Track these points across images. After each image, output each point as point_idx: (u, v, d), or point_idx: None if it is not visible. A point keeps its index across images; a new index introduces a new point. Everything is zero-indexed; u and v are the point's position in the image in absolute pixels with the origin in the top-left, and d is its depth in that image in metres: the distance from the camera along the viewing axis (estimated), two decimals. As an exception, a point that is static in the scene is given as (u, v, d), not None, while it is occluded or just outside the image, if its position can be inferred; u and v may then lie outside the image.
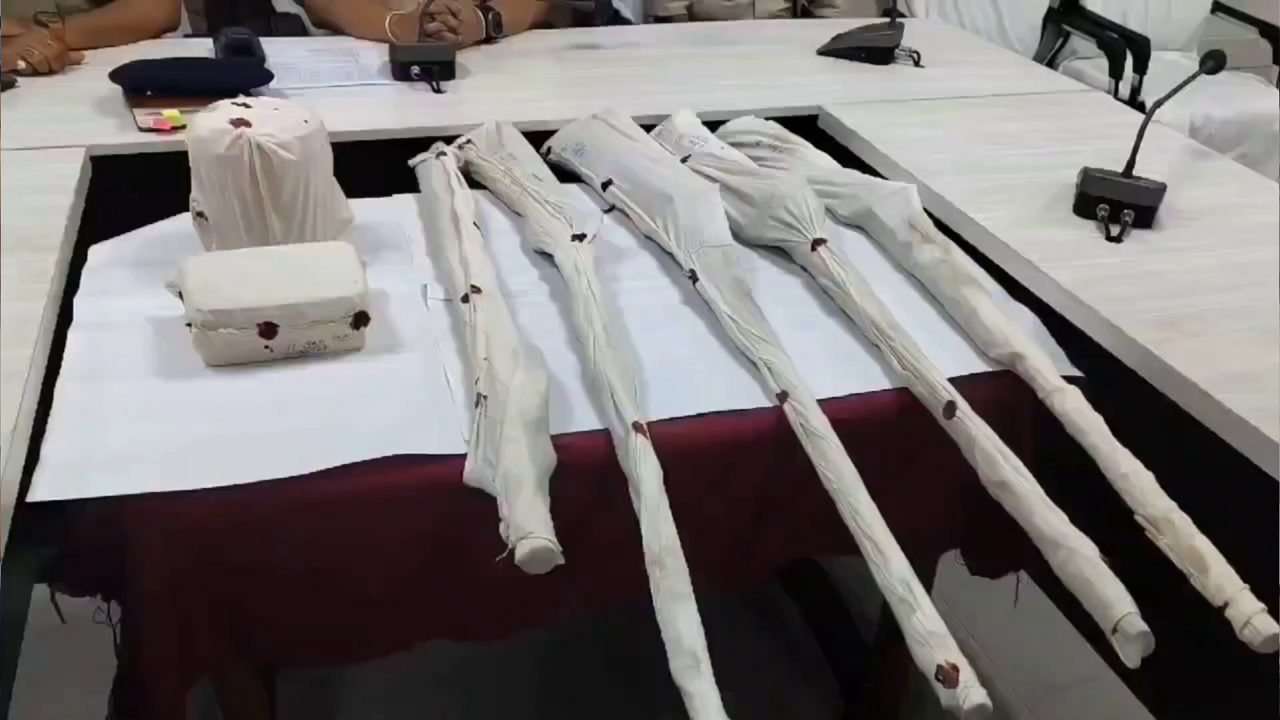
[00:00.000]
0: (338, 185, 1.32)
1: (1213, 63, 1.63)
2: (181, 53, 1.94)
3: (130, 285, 1.25)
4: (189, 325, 1.10)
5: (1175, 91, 1.59)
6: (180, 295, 1.12)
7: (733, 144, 1.65)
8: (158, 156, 1.57)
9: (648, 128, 1.68)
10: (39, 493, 0.94)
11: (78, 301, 1.22)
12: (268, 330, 1.10)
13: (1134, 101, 2.86)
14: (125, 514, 0.97)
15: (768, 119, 1.74)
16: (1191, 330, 1.24)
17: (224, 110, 1.22)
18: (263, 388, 1.09)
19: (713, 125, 1.71)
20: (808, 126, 1.87)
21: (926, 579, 1.38)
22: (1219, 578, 0.94)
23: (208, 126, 1.19)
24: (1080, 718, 1.79)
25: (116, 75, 1.72)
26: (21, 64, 1.79)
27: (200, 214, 1.25)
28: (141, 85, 1.70)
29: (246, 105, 1.23)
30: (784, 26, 2.47)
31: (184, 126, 1.51)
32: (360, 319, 1.14)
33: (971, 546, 1.36)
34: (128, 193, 1.49)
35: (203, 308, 1.08)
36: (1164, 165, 1.67)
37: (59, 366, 1.11)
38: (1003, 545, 1.25)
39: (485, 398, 1.03)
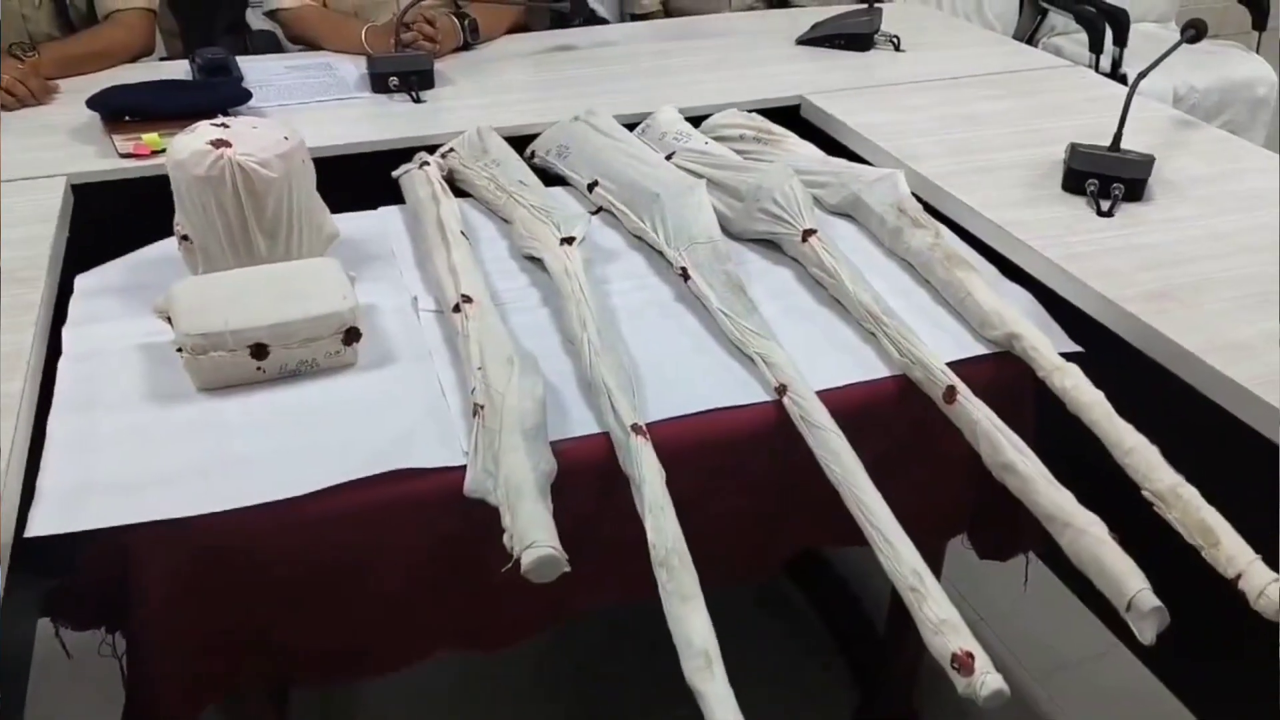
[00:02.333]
0: (321, 201, 1.31)
1: (1194, 31, 1.63)
2: (157, 76, 1.92)
3: (118, 312, 1.24)
4: (179, 350, 1.09)
5: (1158, 62, 1.59)
6: (169, 320, 1.11)
7: (716, 138, 1.65)
8: (139, 181, 1.56)
9: (630, 126, 1.67)
10: (37, 527, 0.93)
11: (66, 332, 1.21)
12: (258, 351, 1.09)
13: (1115, 75, 2.85)
14: (125, 543, 0.96)
15: (750, 111, 1.74)
16: (1186, 300, 1.23)
17: (203, 131, 1.21)
18: (257, 409, 1.08)
19: (695, 120, 1.70)
20: (791, 117, 1.86)
21: (935, 564, 1.38)
22: (1230, 549, 0.93)
23: (187, 149, 1.18)
24: (1095, 693, 1.79)
25: (93, 102, 1.70)
26: (10, 100, 1.78)
27: (185, 237, 1.24)
28: (119, 111, 1.68)
29: (225, 125, 1.23)
30: (761, 18, 2.46)
31: (164, 150, 1.49)
32: (351, 335, 1.13)
33: (979, 530, 1.35)
34: (111, 220, 1.47)
35: (191, 332, 1.07)
36: (1150, 137, 1.66)
37: (51, 399, 1.10)
38: (1010, 527, 1.25)
39: (482, 407, 1.03)
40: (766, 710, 0.90)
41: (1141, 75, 1.57)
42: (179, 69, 2.00)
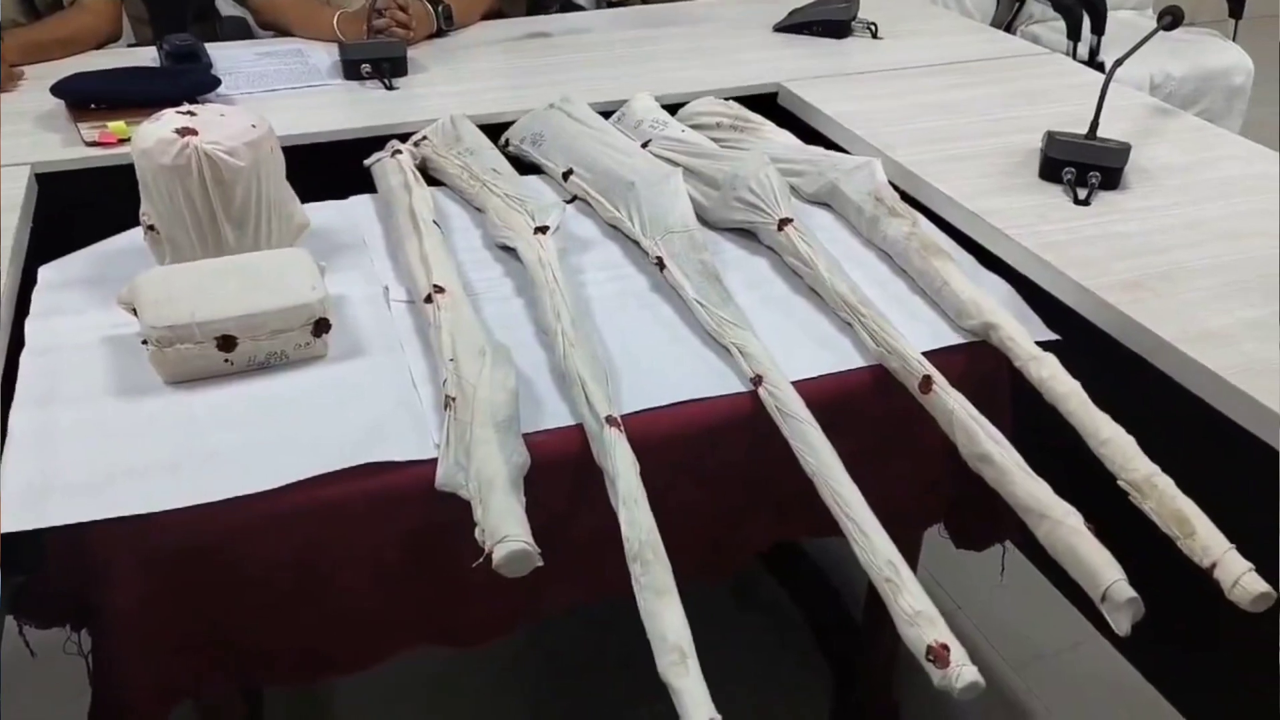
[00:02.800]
0: (291, 190, 1.29)
1: (1170, 18, 1.63)
2: (125, 63, 1.89)
3: (82, 305, 1.22)
4: (144, 342, 1.07)
5: (1135, 50, 1.58)
6: (134, 312, 1.09)
7: (693, 126, 1.63)
8: (105, 171, 1.53)
9: (606, 114, 1.65)
10: (-3, 524, 0.91)
11: (29, 325, 1.19)
12: (226, 343, 1.07)
13: (1093, 62, 2.85)
14: (91, 539, 0.95)
15: (727, 99, 1.72)
16: (1161, 289, 1.23)
17: (169, 119, 1.18)
18: (225, 402, 1.07)
19: (672, 108, 1.69)
20: (768, 104, 1.85)
21: (911, 554, 1.38)
22: (1205, 539, 0.93)
23: (153, 137, 1.16)
24: (1070, 682, 1.79)
25: (58, 89, 1.67)
26: None
27: (151, 227, 1.22)
28: (85, 98, 1.65)
29: (192, 113, 1.20)
30: (739, 5, 2.44)
31: (130, 138, 1.47)
32: (321, 326, 1.11)
33: (955, 520, 1.35)
34: (76, 210, 1.45)
35: (157, 324, 1.05)
36: (1127, 125, 1.66)
37: (12, 393, 1.08)
38: (986, 517, 1.25)
39: (454, 399, 1.01)
40: (744, 705, 0.89)
41: (1118, 63, 1.57)
42: (147, 56, 1.96)
